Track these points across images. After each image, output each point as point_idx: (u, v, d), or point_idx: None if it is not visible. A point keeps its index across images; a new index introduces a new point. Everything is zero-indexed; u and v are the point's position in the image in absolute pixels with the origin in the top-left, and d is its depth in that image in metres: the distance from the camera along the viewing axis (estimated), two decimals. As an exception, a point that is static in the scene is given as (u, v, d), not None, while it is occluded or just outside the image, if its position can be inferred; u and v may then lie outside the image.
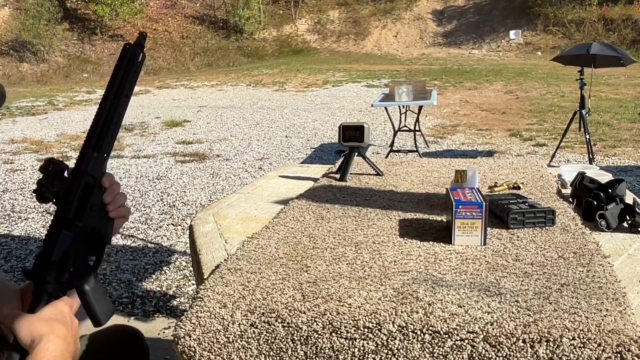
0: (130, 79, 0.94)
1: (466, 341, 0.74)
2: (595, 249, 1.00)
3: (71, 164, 0.96)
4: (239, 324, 0.80)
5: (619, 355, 0.71)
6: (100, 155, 0.94)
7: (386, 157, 6.59)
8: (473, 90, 13.20)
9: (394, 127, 7.19)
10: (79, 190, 0.90)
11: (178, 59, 25.31)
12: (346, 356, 0.77)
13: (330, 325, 0.78)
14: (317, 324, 0.78)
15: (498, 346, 0.73)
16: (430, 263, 0.96)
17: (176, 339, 0.81)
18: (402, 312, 0.78)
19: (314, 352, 0.78)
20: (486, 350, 0.74)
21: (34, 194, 0.89)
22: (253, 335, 0.80)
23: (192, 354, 0.80)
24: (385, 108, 7.28)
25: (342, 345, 0.77)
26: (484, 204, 1.02)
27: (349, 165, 1.60)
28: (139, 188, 5.96)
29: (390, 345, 0.76)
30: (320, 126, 9.45)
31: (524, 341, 0.73)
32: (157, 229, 4.59)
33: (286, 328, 0.79)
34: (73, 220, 0.88)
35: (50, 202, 0.89)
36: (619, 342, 0.71)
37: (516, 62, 20.45)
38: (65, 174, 0.91)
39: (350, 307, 0.80)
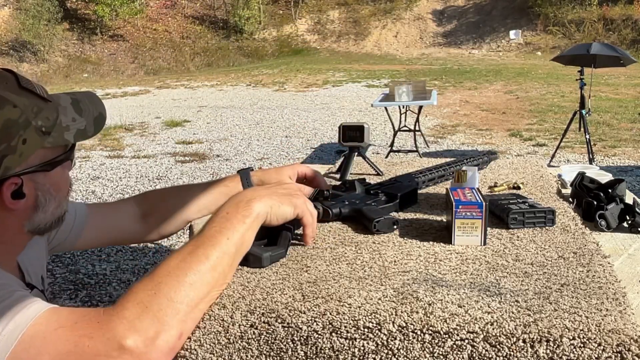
0: None
1: (466, 341, 0.74)
2: (595, 249, 1.00)
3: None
4: (239, 325, 0.80)
5: (619, 355, 0.71)
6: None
7: (386, 157, 6.59)
8: (473, 90, 13.21)
9: (394, 127, 7.19)
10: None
11: (178, 59, 25.32)
12: (346, 356, 0.77)
13: (330, 325, 0.78)
14: (317, 324, 0.78)
15: (498, 346, 0.73)
16: (430, 263, 0.96)
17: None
18: (402, 312, 0.78)
19: (314, 352, 0.78)
20: (486, 350, 0.74)
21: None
22: (253, 336, 0.80)
23: (194, 357, 0.80)
24: (385, 108, 7.28)
25: (342, 345, 0.77)
26: (484, 204, 1.02)
27: (349, 165, 1.59)
28: (139, 188, 5.97)
29: (390, 345, 0.76)
30: (320, 126, 9.46)
31: (524, 341, 0.73)
32: (157, 229, 4.58)
33: (286, 328, 0.79)
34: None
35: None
36: (619, 342, 0.71)
37: (516, 62, 20.46)
38: None
39: (350, 307, 0.80)
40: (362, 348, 0.77)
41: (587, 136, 6.13)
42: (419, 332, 0.76)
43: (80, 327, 0.75)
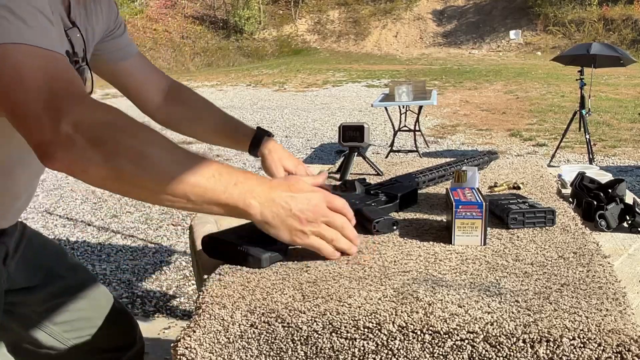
0: None
1: (466, 341, 0.74)
2: (595, 249, 1.00)
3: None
4: (239, 325, 0.80)
5: (619, 355, 0.71)
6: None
7: (386, 157, 6.59)
8: (473, 90, 13.20)
9: (394, 127, 7.19)
10: None
11: (178, 59, 25.30)
12: (346, 356, 0.77)
13: (330, 325, 0.78)
14: (317, 324, 0.78)
15: (498, 346, 0.73)
16: (430, 263, 0.96)
17: (176, 341, 0.81)
18: (402, 312, 0.78)
19: (314, 352, 0.78)
20: (486, 350, 0.74)
21: None
22: (253, 336, 0.80)
23: (193, 356, 0.80)
24: (385, 108, 7.28)
25: (342, 345, 0.77)
26: (484, 204, 1.02)
27: (349, 165, 1.59)
28: (139, 188, 5.95)
29: (390, 346, 0.76)
30: (320, 126, 9.45)
31: (524, 341, 0.73)
32: (157, 229, 4.59)
33: (286, 328, 0.79)
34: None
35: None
36: (619, 342, 0.71)
37: (516, 62, 20.44)
38: None
39: (350, 307, 0.80)
40: (362, 348, 0.77)
41: (587, 136, 6.13)
42: (419, 332, 0.76)
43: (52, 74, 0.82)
